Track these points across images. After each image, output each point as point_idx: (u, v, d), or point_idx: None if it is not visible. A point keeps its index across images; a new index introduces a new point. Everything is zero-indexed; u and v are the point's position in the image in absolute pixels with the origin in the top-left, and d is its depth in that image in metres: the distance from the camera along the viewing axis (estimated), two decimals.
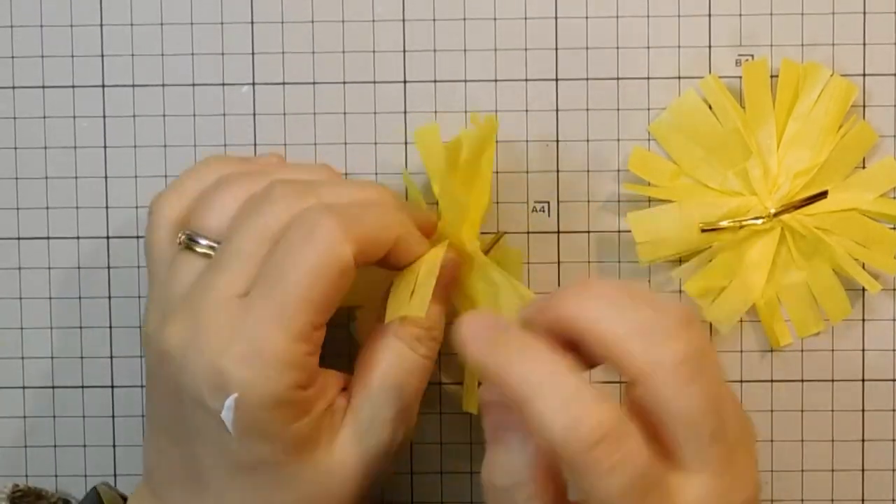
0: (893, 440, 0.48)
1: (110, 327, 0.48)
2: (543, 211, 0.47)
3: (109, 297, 0.48)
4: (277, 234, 0.39)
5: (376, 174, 0.47)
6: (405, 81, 0.47)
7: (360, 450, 0.40)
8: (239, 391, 0.37)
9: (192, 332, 0.38)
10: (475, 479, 0.48)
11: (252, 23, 0.47)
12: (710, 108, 0.46)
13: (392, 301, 0.41)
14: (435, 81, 0.47)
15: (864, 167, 0.47)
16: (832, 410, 0.48)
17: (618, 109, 0.47)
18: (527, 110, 0.47)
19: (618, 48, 0.47)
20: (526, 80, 0.47)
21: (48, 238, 0.48)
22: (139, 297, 0.48)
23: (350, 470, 0.40)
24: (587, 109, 0.47)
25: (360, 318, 0.46)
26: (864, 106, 0.47)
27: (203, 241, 0.40)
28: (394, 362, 0.40)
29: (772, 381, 0.47)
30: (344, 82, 0.47)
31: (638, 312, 0.35)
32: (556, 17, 0.47)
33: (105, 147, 0.47)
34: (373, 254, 0.39)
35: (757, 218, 0.45)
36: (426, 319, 0.40)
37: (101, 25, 0.47)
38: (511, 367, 0.34)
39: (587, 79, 0.47)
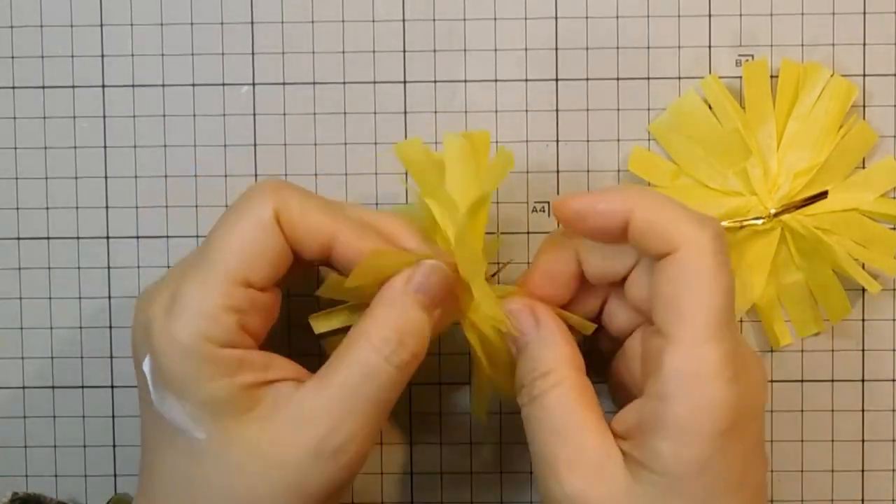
0: (893, 440, 0.48)
1: (110, 327, 0.48)
2: (543, 211, 0.47)
3: (109, 298, 0.48)
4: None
5: (376, 174, 0.47)
6: (405, 81, 0.47)
7: (289, 440, 0.38)
8: (154, 339, 0.38)
9: (149, 293, 0.40)
10: (475, 479, 0.48)
11: (252, 23, 0.47)
12: (711, 108, 0.46)
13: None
14: (435, 81, 0.47)
15: (863, 167, 0.47)
16: (832, 410, 0.48)
17: (618, 109, 0.47)
18: (527, 110, 0.47)
19: (618, 48, 0.47)
20: (526, 80, 0.47)
21: (48, 238, 0.48)
22: (139, 297, 0.48)
23: (277, 459, 0.38)
24: (587, 109, 0.47)
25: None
26: (864, 106, 0.47)
27: None
28: (354, 361, 0.39)
29: (772, 381, 0.47)
30: (344, 82, 0.47)
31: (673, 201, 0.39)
32: (556, 17, 0.47)
33: (105, 147, 0.47)
34: (305, 232, 0.39)
35: (757, 218, 0.45)
36: (397, 322, 0.39)
37: (101, 25, 0.47)
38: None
39: (587, 79, 0.47)
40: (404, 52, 0.47)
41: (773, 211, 0.45)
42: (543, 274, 0.42)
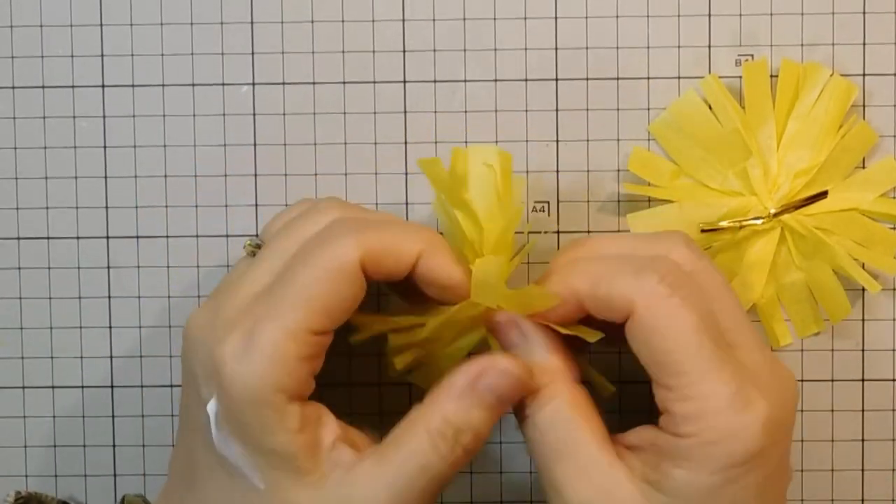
0: (893, 440, 0.48)
1: (110, 327, 0.48)
2: (543, 211, 0.47)
3: (109, 298, 0.48)
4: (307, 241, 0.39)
5: (376, 174, 0.47)
6: (405, 81, 0.47)
7: None
8: (224, 381, 0.37)
9: (209, 320, 0.39)
10: (475, 479, 0.48)
11: (252, 23, 0.47)
12: (710, 108, 0.46)
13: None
14: (435, 81, 0.47)
15: (863, 167, 0.47)
16: (832, 410, 0.48)
17: (618, 109, 0.47)
18: (527, 110, 0.47)
19: (618, 48, 0.47)
20: (526, 80, 0.47)
21: (48, 238, 0.47)
22: (139, 297, 0.48)
23: None
24: (587, 109, 0.47)
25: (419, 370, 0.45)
26: (864, 106, 0.47)
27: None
28: (410, 451, 0.38)
29: None
30: (344, 82, 0.47)
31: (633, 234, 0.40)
32: (556, 18, 0.47)
33: (105, 147, 0.47)
34: (388, 265, 0.38)
35: (757, 218, 0.45)
36: (457, 418, 0.38)
37: (101, 25, 0.47)
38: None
39: (587, 79, 0.47)
40: (404, 52, 0.47)
41: (772, 211, 0.45)
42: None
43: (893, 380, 0.48)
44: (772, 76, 0.46)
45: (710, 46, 0.47)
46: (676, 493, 0.37)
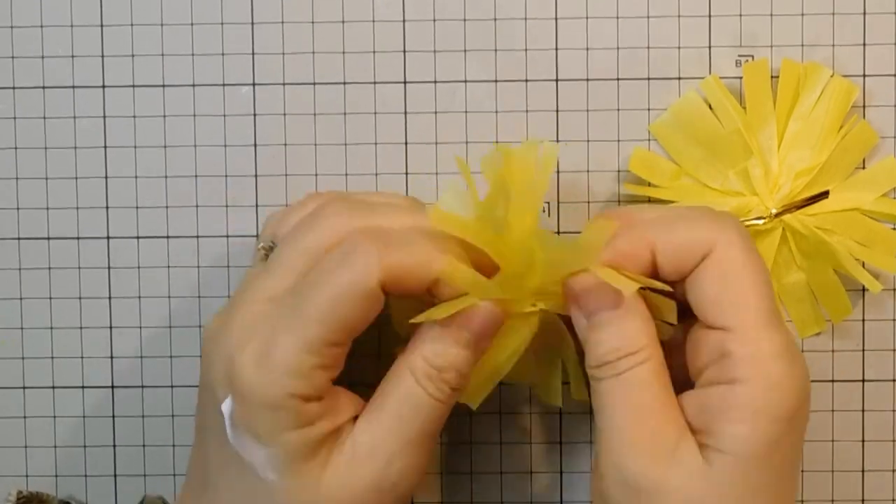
0: (893, 440, 0.48)
1: (110, 327, 0.48)
2: (544, 211, 0.47)
3: (109, 298, 0.48)
4: (322, 250, 0.39)
5: (376, 174, 0.47)
6: (405, 82, 0.47)
7: (351, 478, 0.39)
8: (241, 387, 0.38)
9: (224, 325, 0.39)
10: (475, 479, 0.48)
11: (252, 23, 0.47)
12: (711, 108, 0.46)
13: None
14: (435, 82, 0.47)
15: (864, 167, 0.47)
16: (832, 410, 0.48)
17: (618, 109, 0.47)
18: (527, 110, 0.47)
19: (618, 48, 0.47)
20: (526, 80, 0.47)
21: (48, 238, 0.47)
22: (139, 297, 0.48)
23: (340, 497, 0.39)
24: (587, 110, 0.47)
25: (394, 309, 0.44)
26: (864, 106, 0.47)
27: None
28: (401, 395, 0.39)
29: None
30: (344, 82, 0.47)
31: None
32: (556, 18, 0.47)
33: (105, 147, 0.47)
34: (409, 285, 0.39)
35: (758, 218, 0.45)
36: (438, 358, 0.39)
37: (102, 25, 0.47)
38: None
39: (587, 79, 0.47)
40: (404, 52, 0.47)
41: (774, 211, 0.45)
42: (619, 258, 0.40)
43: (893, 380, 0.48)
44: (772, 76, 0.46)
45: (710, 47, 0.47)
46: (738, 450, 0.37)
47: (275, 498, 0.39)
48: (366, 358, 0.47)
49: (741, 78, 0.46)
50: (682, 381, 0.40)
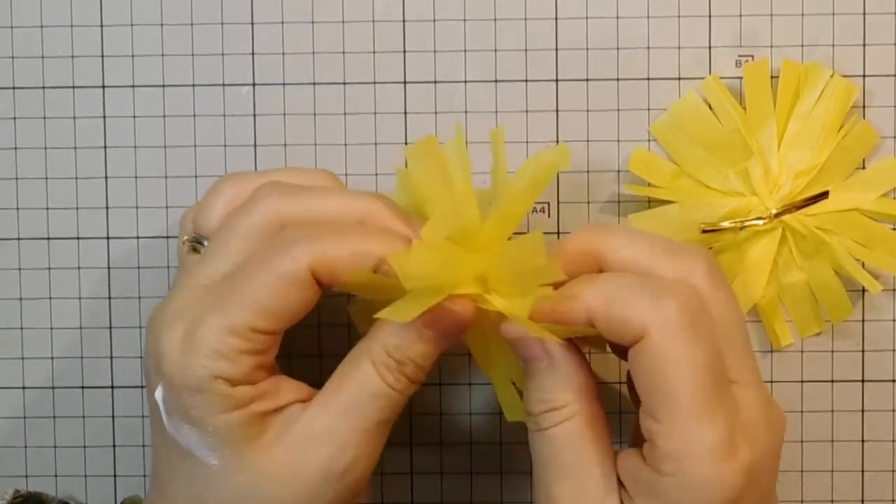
0: (893, 440, 0.48)
1: (110, 327, 0.48)
2: (543, 211, 0.47)
3: (109, 298, 0.48)
4: (255, 233, 0.39)
5: (376, 174, 0.47)
6: (405, 82, 0.47)
7: (301, 460, 0.38)
8: (166, 370, 0.38)
9: (159, 312, 0.39)
10: (475, 479, 0.48)
11: (252, 23, 0.47)
12: (711, 108, 0.46)
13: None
14: (435, 82, 0.47)
15: (864, 168, 0.47)
16: (832, 410, 0.48)
17: (618, 110, 0.47)
18: (527, 111, 0.47)
19: (618, 48, 0.47)
20: (526, 80, 0.47)
21: (48, 238, 0.47)
22: (139, 297, 0.48)
23: (287, 478, 0.38)
24: (587, 110, 0.47)
25: (358, 306, 0.44)
26: (864, 106, 0.47)
27: (205, 242, 0.41)
28: (358, 381, 0.39)
29: (772, 381, 0.47)
30: (344, 82, 0.47)
31: (654, 237, 0.39)
32: (556, 18, 0.47)
33: (105, 147, 0.47)
34: (342, 274, 0.38)
35: (758, 218, 0.45)
36: (398, 352, 0.39)
37: (101, 25, 0.47)
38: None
39: (587, 79, 0.47)
40: (404, 52, 0.47)
41: (774, 211, 0.45)
42: (556, 318, 0.39)
43: (893, 380, 0.48)
44: (772, 76, 0.46)
45: (710, 47, 0.47)
46: None
47: (218, 481, 0.38)
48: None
49: (741, 78, 0.46)
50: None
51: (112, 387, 0.48)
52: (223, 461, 0.38)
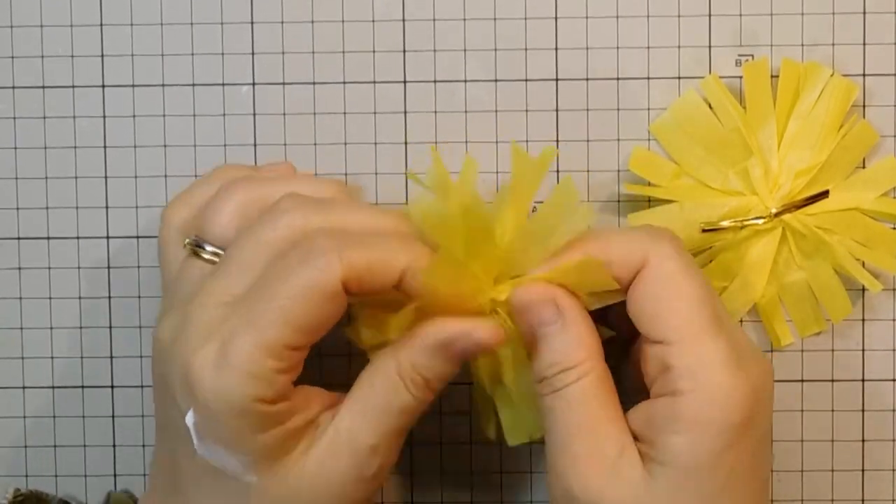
0: (893, 440, 0.48)
1: (110, 327, 0.48)
2: None
3: (109, 297, 0.48)
4: (280, 247, 0.38)
5: (376, 174, 0.47)
6: (405, 81, 0.47)
7: (334, 465, 0.39)
8: (202, 395, 0.37)
9: (181, 329, 0.38)
10: (475, 479, 0.48)
11: (252, 23, 0.47)
12: (711, 107, 0.46)
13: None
14: (435, 81, 0.47)
15: (863, 167, 0.47)
16: (832, 410, 0.48)
17: (618, 109, 0.47)
18: (527, 110, 0.47)
19: (618, 48, 0.47)
20: (526, 80, 0.47)
21: (48, 238, 0.47)
22: (139, 297, 0.48)
23: (322, 486, 0.39)
24: (587, 109, 0.47)
25: (359, 320, 0.43)
26: (864, 106, 0.47)
27: (208, 248, 0.41)
28: (387, 392, 0.39)
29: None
30: (344, 82, 0.47)
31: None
32: (556, 18, 0.47)
33: (105, 147, 0.47)
34: (374, 284, 0.38)
35: (758, 218, 0.45)
36: (428, 372, 0.39)
37: (101, 25, 0.47)
38: None
39: (587, 79, 0.47)
40: (404, 52, 0.47)
41: (774, 210, 0.45)
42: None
43: (893, 380, 0.48)
44: (772, 76, 0.46)
45: (710, 46, 0.47)
46: (679, 463, 0.37)
47: (252, 496, 0.38)
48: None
49: (741, 77, 0.46)
50: (644, 390, 0.40)
51: (112, 386, 0.48)
52: (260, 477, 0.38)
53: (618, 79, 0.47)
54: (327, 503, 0.39)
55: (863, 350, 0.47)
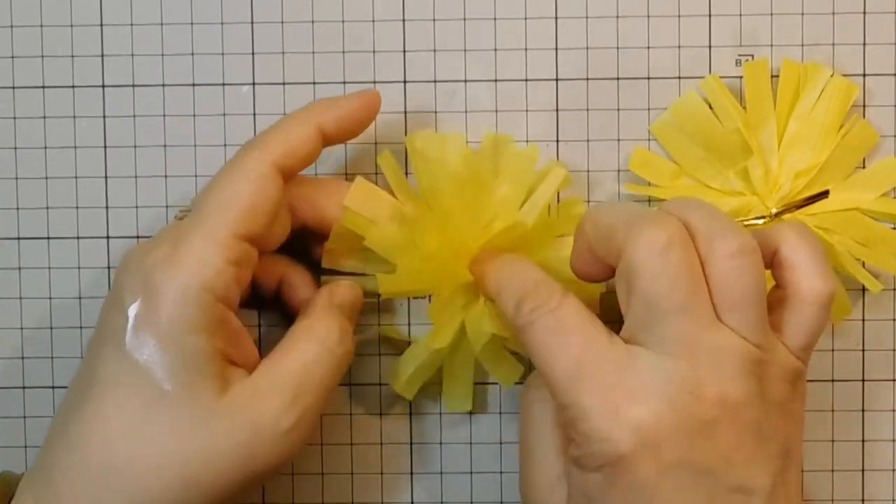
0: (893, 440, 0.48)
1: None
2: None
3: None
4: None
5: (376, 174, 0.47)
6: (405, 81, 0.47)
7: (250, 415, 0.40)
8: (154, 281, 0.39)
9: (136, 246, 0.42)
10: (475, 479, 0.48)
11: (252, 23, 0.47)
12: (711, 108, 0.46)
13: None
14: (435, 81, 0.47)
15: (863, 167, 0.47)
16: (832, 410, 0.48)
17: (618, 109, 0.47)
18: (527, 110, 0.47)
19: (618, 48, 0.47)
20: (526, 80, 0.47)
21: (48, 238, 0.47)
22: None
23: (232, 430, 0.39)
24: (587, 109, 0.47)
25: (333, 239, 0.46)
26: (864, 106, 0.47)
27: None
28: (304, 348, 0.42)
29: None
30: (344, 82, 0.47)
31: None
32: (556, 17, 0.47)
33: (105, 147, 0.47)
34: (299, 153, 0.42)
35: (758, 218, 0.45)
36: (336, 323, 0.43)
37: (101, 25, 0.47)
38: None
39: (587, 79, 0.47)
40: (404, 52, 0.47)
41: (774, 211, 0.45)
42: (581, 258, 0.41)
43: (893, 380, 0.48)
44: (772, 76, 0.46)
45: (710, 46, 0.47)
46: (575, 491, 0.38)
47: (164, 406, 0.39)
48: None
49: (741, 77, 0.46)
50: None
51: None
52: (176, 389, 0.39)
53: (618, 79, 0.47)
54: (231, 443, 0.39)
55: (863, 350, 0.47)
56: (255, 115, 0.47)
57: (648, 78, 0.47)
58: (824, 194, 0.45)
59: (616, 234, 0.38)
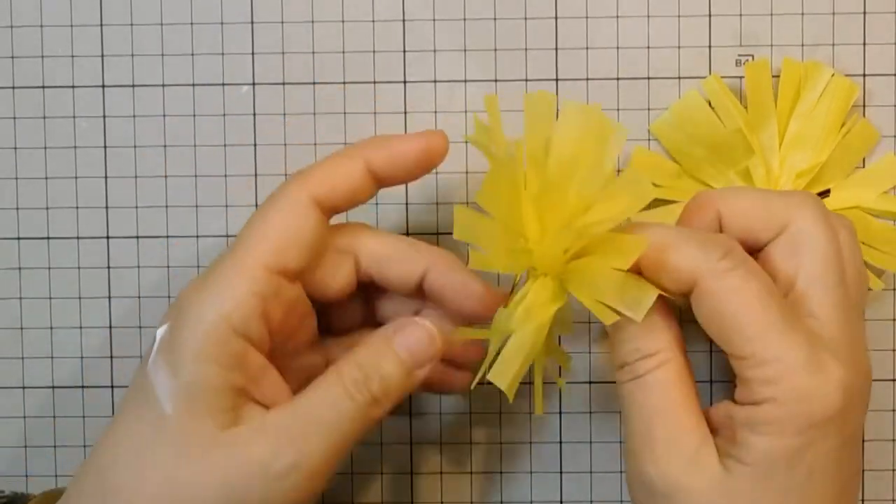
0: (893, 440, 0.48)
1: (110, 327, 0.48)
2: None
3: (109, 297, 0.48)
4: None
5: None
6: (405, 81, 0.47)
7: (246, 450, 0.38)
8: (180, 307, 0.39)
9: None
10: (475, 479, 0.48)
11: (252, 23, 0.47)
12: (712, 107, 0.46)
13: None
14: (435, 81, 0.47)
15: (864, 167, 0.47)
16: None
17: (618, 109, 0.47)
18: None
19: (618, 48, 0.47)
20: (526, 80, 0.47)
21: (48, 238, 0.47)
22: (139, 297, 0.48)
23: (225, 464, 0.38)
24: None
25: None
26: (864, 106, 0.47)
27: None
28: (321, 389, 0.39)
29: None
30: (344, 82, 0.47)
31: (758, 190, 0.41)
32: (556, 17, 0.47)
33: (105, 147, 0.47)
34: (341, 188, 0.40)
35: None
36: (366, 363, 0.39)
37: (101, 25, 0.47)
38: None
39: (587, 79, 0.47)
40: (404, 52, 0.47)
41: None
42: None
43: (893, 380, 0.48)
44: (773, 76, 0.46)
45: (710, 46, 0.47)
46: (758, 461, 0.37)
47: (161, 441, 0.38)
48: None
49: (742, 77, 0.46)
50: None
51: (112, 387, 0.48)
52: (176, 415, 0.38)
53: (618, 79, 0.47)
54: (222, 479, 0.38)
55: None
56: (255, 115, 0.47)
57: (648, 78, 0.47)
58: (825, 193, 0.45)
59: (773, 204, 0.39)
